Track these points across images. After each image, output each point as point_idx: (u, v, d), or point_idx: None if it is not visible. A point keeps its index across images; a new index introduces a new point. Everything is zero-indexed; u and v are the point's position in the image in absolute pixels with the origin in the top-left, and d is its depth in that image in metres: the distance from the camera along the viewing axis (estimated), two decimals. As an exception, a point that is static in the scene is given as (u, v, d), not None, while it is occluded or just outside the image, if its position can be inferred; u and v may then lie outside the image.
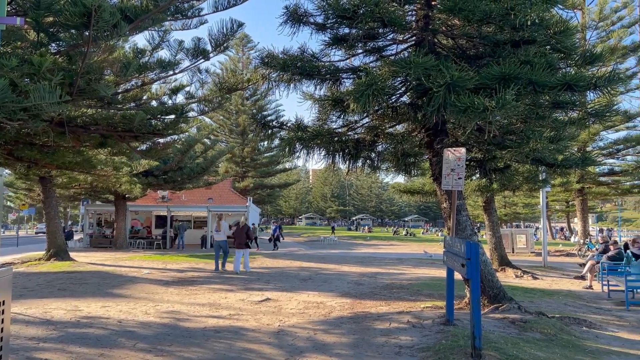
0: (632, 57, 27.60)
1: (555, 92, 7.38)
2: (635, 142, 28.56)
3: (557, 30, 7.72)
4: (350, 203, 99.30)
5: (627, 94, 30.81)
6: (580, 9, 27.43)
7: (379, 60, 9.13)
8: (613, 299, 11.38)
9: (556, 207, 50.82)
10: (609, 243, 15.96)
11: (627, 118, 28.51)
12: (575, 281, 14.67)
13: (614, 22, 26.81)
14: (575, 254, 25.28)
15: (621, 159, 30.68)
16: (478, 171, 11.32)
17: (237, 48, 45.92)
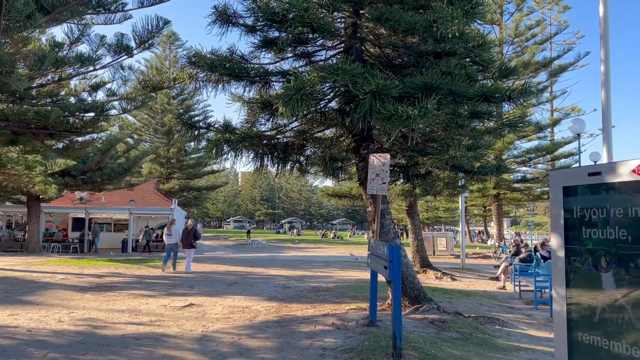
0: (543, 71, 29.68)
1: (473, 103, 7.78)
2: (546, 152, 30.69)
3: (476, 43, 8.16)
4: (280, 206, 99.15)
5: (539, 107, 33.10)
6: (498, 24, 29.13)
7: (309, 65, 9.22)
8: (524, 298, 12.14)
9: (474, 212, 53.48)
10: (520, 246, 17.01)
11: (538, 129, 30.57)
12: (491, 282, 15.50)
13: (528, 38, 28.71)
14: (491, 257, 26.72)
15: (533, 167, 32.88)
16: (402, 176, 11.71)
17: (164, 46, 44.55)
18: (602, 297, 3.76)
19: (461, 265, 20.42)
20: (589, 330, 3.78)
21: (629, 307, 3.51)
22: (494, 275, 16.55)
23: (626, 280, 3.55)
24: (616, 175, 3.55)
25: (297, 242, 42.43)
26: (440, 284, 14.42)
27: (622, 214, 3.55)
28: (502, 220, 34.21)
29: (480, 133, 9.66)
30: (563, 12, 31.84)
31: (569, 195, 4.00)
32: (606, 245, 3.69)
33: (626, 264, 3.55)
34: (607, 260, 3.71)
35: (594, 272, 3.83)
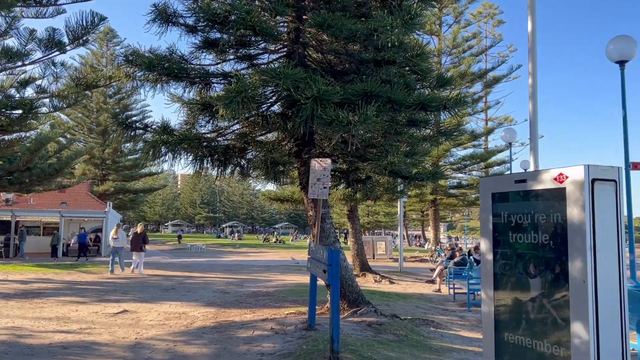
0: (479, 82, 30.97)
1: (411, 111, 8.01)
2: (480, 159, 31.99)
3: (414, 53, 8.39)
4: (221, 210, 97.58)
5: (474, 116, 34.47)
6: (437, 35, 30.14)
7: (251, 68, 9.16)
8: (457, 300, 12.58)
9: (413, 216, 54.92)
10: (455, 250, 17.61)
11: (473, 137, 31.83)
12: (427, 285, 15.96)
13: (465, 50, 29.88)
14: (428, 260, 27.50)
15: (468, 173, 34.17)
16: (343, 181, 11.85)
17: (101, 43, 42.85)
18: (527, 298, 3.96)
19: (399, 269, 20.90)
20: (515, 331, 3.97)
21: (551, 308, 3.72)
22: (430, 278, 17.05)
23: (549, 282, 3.76)
24: (540, 182, 3.75)
25: (238, 247, 41.91)
26: (378, 287, 14.68)
27: (545, 220, 3.76)
28: (439, 224, 35.30)
29: (417, 140, 9.94)
30: (497, 25, 33.42)
31: (498, 201, 4.19)
32: (531, 249, 3.90)
33: (549, 267, 3.76)
34: (532, 264, 3.92)
35: (520, 275, 4.04)
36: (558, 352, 3.55)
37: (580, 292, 3.35)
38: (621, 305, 3.39)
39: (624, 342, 3.37)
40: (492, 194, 4.22)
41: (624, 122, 10.51)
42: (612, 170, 3.48)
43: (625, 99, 10.49)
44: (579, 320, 3.33)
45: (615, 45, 9.87)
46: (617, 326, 3.37)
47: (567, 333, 3.44)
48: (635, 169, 10.95)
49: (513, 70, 30.88)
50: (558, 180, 3.55)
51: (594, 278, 3.32)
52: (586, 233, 3.35)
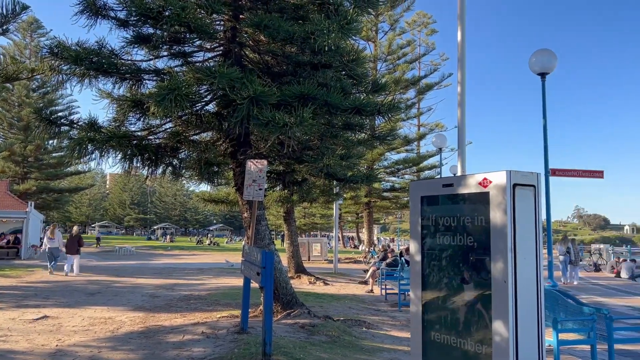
0: (412, 89, 31.91)
1: (347, 115, 8.12)
2: (412, 163, 32.97)
3: (351, 58, 8.53)
4: (152, 211, 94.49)
5: (408, 121, 35.50)
6: (373, 41, 30.77)
7: (185, 65, 8.94)
8: (389, 301, 12.87)
9: (348, 218, 55.70)
10: (387, 251, 18.02)
11: (406, 142, 32.77)
12: (360, 286, 16.21)
13: (400, 57, 30.71)
14: (362, 261, 27.97)
15: (401, 177, 35.13)
16: (280, 183, 11.82)
17: (24, 33, 40.35)
18: (452, 298, 4.12)
19: (334, 270, 21.11)
20: (441, 330, 4.10)
21: (475, 307, 3.88)
22: (363, 279, 17.34)
23: (473, 283, 3.92)
24: (466, 186, 3.91)
25: (169, 249, 40.74)
26: (313, 289, 14.76)
27: (470, 222, 3.92)
28: (373, 226, 36.05)
29: (353, 144, 10.10)
30: (431, 34, 34.60)
31: (427, 205, 4.33)
32: (457, 251, 4.05)
33: (473, 268, 3.92)
34: (458, 265, 4.07)
35: (447, 276, 4.18)
36: (481, 349, 3.71)
37: (501, 291, 3.52)
38: (538, 303, 3.59)
39: (540, 338, 3.57)
40: (421, 197, 4.36)
41: (544, 131, 11.19)
42: (531, 176, 3.68)
43: (545, 108, 11.17)
44: (500, 318, 3.50)
45: (537, 58, 10.49)
46: (534, 323, 3.56)
47: (490, 331, 3.60)
48: (554, 174, 11.69)
49: (444, 78, 32.10)
50: (482, 184, 3.72)
51: (514, 278, 3.50)
52: (507, 235, 3.53)
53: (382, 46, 30.33)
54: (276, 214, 34.91)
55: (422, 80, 32.24)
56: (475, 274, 3.88)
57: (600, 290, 16.94)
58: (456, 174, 19.47)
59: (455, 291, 4.06)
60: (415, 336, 4.29)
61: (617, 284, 19.11)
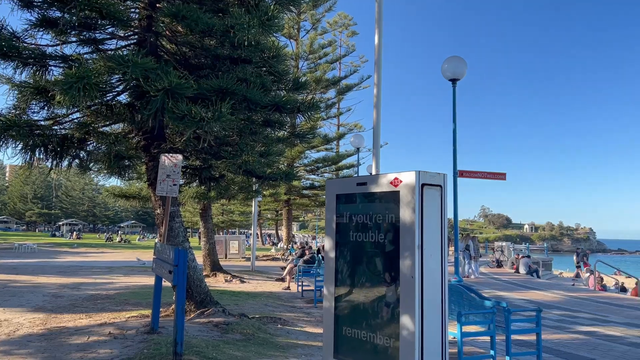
0: (332, 89, 32.36)
1: (267, 111, 8.08)
2: (331, 162, 33.44)
3: (271, 54, 8.48)
4: (58, 206, 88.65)
5: (328, 121, 35.96)
6: (295, 39, 30.85)
7: (96, 53, 8.46)
8: (305, 297, 12.99)
9: (268, 216, 55.43)
10: (305, 248, 18.18)
11: (326, 141, 33.15)
12: (277, 283, 16.23)
13: (321, 56, 31.00)
14: (280, 259, 28.00)
15: (320, 175, 35.51)
16: (196, 179, 11.52)
17: None
18: (364, 294, 4.23)
19: (251, 268, 20.96)
20: (353, 325, 4.20)
21: (385, 302, 4.01)
22: (280, 276, 17.37)
23: (383, 279, 4.05)
24: (378, 185, 4.03)
25: (76, 247, 38.46)
26: (229, 287, 14.56)
27: (381, 220, 4.05)
28: (292, 224, 36.18)
29: (272, 141, 10.06)
30: (351, 36, 35.23)
31: (341, 202, 4.41)
32: (369, 248, 4.17)
33: (384, 265, 4.05)
34: (370, 261, 4.19)
35: (359, 272, 4.29)
36: (389, 343, 3.84)
37: (409, 287, 3.67)
38: (442, 298, 3.78)
39: (443, 331, 3.76)
40: (336, 195, 4.43)
41: (454, 134, 11.79)
42: (438, 177, 3.87)
43: (455, 113, 11.77)
44: (407, 312, 3.64)
45: (449, 65, 11.04)
46: (438, 317, 3.75)
47: (398, 325, 3.74)
48: (461, 176, 12.36)
49: (363, 80, 32.83)
50: (393, 184, 3.85)
51: (420, 274, 3.66)
52: (415, 232, 3.68)
53: (303, 45, 30.47)
54: (192, 211, 34.04)
55: (343, 80, 32.77)
56: (385, 270, 4.01)
57: (501, 284, 18.16)
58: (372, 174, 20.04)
59: (366, 287, 4.18)
60: (327, 331, 4.36)
61: (516, 279, 20.58)
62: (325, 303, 4.42)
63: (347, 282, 4.32)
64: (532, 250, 40.94)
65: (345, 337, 4.21)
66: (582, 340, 8.38)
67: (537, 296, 14.71)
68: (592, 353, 7.40)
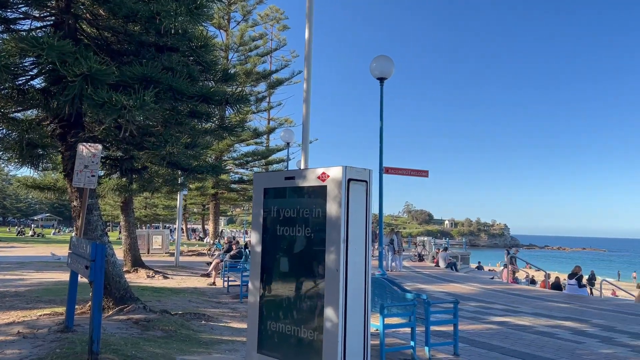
0: (263, 82, 32.13)
1: (193, 102, 7.86)
2: (261, 156, 33.23)
3: (199, 44, 8.26)
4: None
5: (258, 114, 35.68)
6: (225, 30, 30.29)
7: (6, 33, 7.85)
8: (231, 293, 12.83)
9: (194, 210, 54.21)
10: (232, 243, 17.96)
11: (256, 135, 32.91)
12: (202, 279, 15.91)
13: (252, 49, 30.66)
14: (206, 254, 27.46)
15: (249, 169, 35.17)
16: (117, 170, 11.02)
17: None
18: (290, 288, 4.23)
19: (175, 263, 20.41)
20: (278, 319, 4.20)
21: (310, 296, 4.04)
22: (206, 271, 17.04)
23: (309, 273, 4.07)
24: (306, 180, 4.04)
25: (-18, 241, 35.68)
26: (151, 283, 14.10)
27: (308, 214, 4.06)
28: (219, 218, 35.60)
29: (199, 132, 9.81)
30: (283, 30, 35.14)
31: (269, 196, 4.39)
32: (296, 242, 4.17)
33: (310, 259, 4.07)
34: (296, 256, 4.20)
35: (285, 266, 4.29)
36: (313, 336, 3.87)
37: (333, 280, 3.71)
38: (365, 291, 3.86)
39: (366, 323, 3.85)
40: (264, 189, 4.40)
41: (380, 132, 12.07)
42: (364, 172, 3.94)
43: (382, 111, 12.06)
44: (331, 305, 3.69)
45: (377, 64, 11.27)
46: (361, 309, 3.82)
47: (322, 318, 3.78)
48: (386, 172, 12.69)
49: (294, 75, 32.85)
50: (321, 178, 3.88)
51: (345, 267, 3.71)
52: (341, 227, 3.73)
53: (234, 36, 29.98)
54: (113, 204, 32.58)
55: (273, 74, 32.64)
56: (311, 265, 4.03)
57: (422, 278, 18.87)
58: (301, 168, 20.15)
59: (292, 281, 4.19)
60: (252, 326, 4.33)
61: (436, 272, 21.47)
62: (250, 298, 4.38)
63: (273, 276, 4.30)
64: (451, 245, 42.89)
65: (270, 331, 4.20)
66: (496, 330, 8.89)
67: (456, 289, 15.43)
68: (503, 342, 7.86)
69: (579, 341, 8.04)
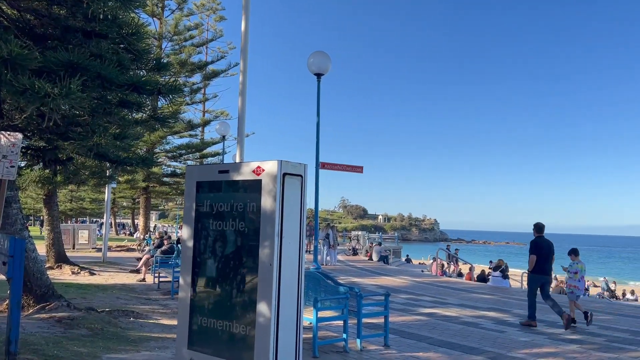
0: (198, 73, 31.40)
1: (123, 91, 7.55)
2: (195, 149, 32.50)
3: (130, 31, 7.93)
4: None
5: (193, 106, 34.87)
6: (159, 18, 29.30)
7: None
8: (162, 289, 12.50)
9: (124, 204, 52.24)
10: (164, 238, 17.50)
11: (190, 127, 32.13)
12: (131, 275, 15.38)
13: (187, 39, 29.84)
14: (135, 249, 26.55)
15: (183, 162, 34.28)
16: (40, 161, 10.41)
17: None
18: (222, 283, 4.19)
19: (102, 259, 19.59)
20: (210, 315, 4.14)
21: (243, 291, 4.01)
22: (135, 267, 16.48)
23: (243, 267, 4.04)
24: (240, 174, 4.00)
25: None
26: (76, 279, 13.47)
27: (243, 208, 4.03)
28: (150, 213, 34.53)
29: (129, 123, 9.44)
30: (219, 21, 34.45)
31: (202, 190, 4.31)
32: (229, 237, 4.13)
33: (244, 254, 4.05)
34: (230, 250, 4.15)
35: (218, 261, 4.24)
36: (245, 331, 3.85)
37: (267, 274, 3.71)
38: (299, 284, 3.89)
39: (299, 317, 3.88)
40: (197, 182, 4.32)
41: (317, 128, 12.15)
42: (299, 167, 3.96)
43: (319, 107, 12.14)
44: (264, 300, 3.69)
45: (314, 59, 11.32)
46: (294, 303, 3.85)
47: (255, 313, 3.77)
48: (323, 167, 12.80)
49: (231, 67, 32.31)
50: (256, 172, 3.86)
51: (279, 262, 3.72)
52: (276, 221, 3.73)
53: (168, 25, 29.03)
54: (35, 197, 30.83)
55: (209, 65, 31.95)
56: (244, 259, 4.01)
57: (356, 271, 19.23)
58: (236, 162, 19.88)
59: (224, 276, 4.14)
60: (182, 322, 4.25)
61: (369, 266, 21.95)
62: (181, 293, 4.30)
63: (205, 271, 4.24)
64: (384, 239, 43.94)
65: (201, 327, 4.14)
66: (424, 321, 9.22)
67: (388, 282, 15.85)
68: (431, 332, 8.17)
69: (501, 330, 8.50)
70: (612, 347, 7.40)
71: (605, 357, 6.81)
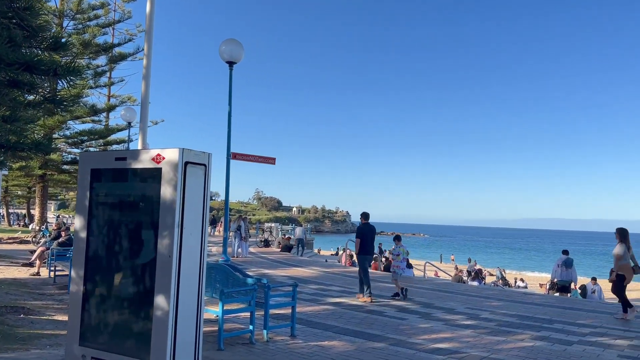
0: (103, 56, 29.62)
1: (14, 70, 6.94)
2: (99, 136, 30.73)
3: (22, 5, 7.30)
4: None
5: (97, 90, 32.88)
6: (60, -6, 27.25)
7: None
8: (58, 283, 11.71)
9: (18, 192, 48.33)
10: (62, 229, 16.42)
11: (93, 112, 30.25)
12: (24, 269, 14.28)
13: (91, 18, 28.02)
14: (30, 241, 24.68)
15: (85, 149, 32.25)
16: None
17: None
18: (118, 276, 3.98)
19: (-9, 252, 18.01)
20: (104, 309, 3.93)
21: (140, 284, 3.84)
22: (28, 261, 15.31)
23: (140, 259, 3.87)
24: (139, 161, 3.82)
25: None
26: (-42, 275, 12.27)
27: (141, 198, 3.86)
28: (47, 202, 32.18)
29: (21, 104, 8.71)
30: (128, 2, 32.64)
31: (97, 178, 4.07)
32: (126, 227, 3.93)
33: (141, 245, 3.87)
34: (126, 241, 3.96)
35: (113, 253, 4.02)
36: (141, 326, 3.70)
37: (165, 266, 3.58)
38: (200, 277, 3.80)
39: (199, 309, 3.79)
40: (91, 170, 4.07)
41: (229, 117, 11.94)
42: (203, 156, 3.85)
43: (231, 96, 11.92)
44: (162, 293, 3.56)
45: (226, 47, 11.08)
46: (194, 296, 3.76)
47: (152, 306, 3.62)
48: (234, 158, 12.61)
49: (139, 50, 30.70)
50: (156, 160, 3.70)
51: (178, 253, 3.60)
52: (176, 211, 3.61)
53: (70, 2, 27.06)
54: None
55: (115, 48, 30.23)
56: (142, 251, 3.84)
57: (267, 263, 19.20)
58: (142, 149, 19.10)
59: (120, 269, 3.94)
60: (73, 318, 4.00)
61: (281, 258, 22.01)
62: (72, 287, 4.04)
63: (99, 264, 4.01)
64: (296, 231, 44.14)
65: (95, 322, 3.93)
66: (331, 310, 9.40)
67: (298, 273, 15.98)
68: (338, 321, 8.35)
69: (403, 317, 8.88)
70: (502, 331, 7.99)
71: (494, 340, 7.34)
